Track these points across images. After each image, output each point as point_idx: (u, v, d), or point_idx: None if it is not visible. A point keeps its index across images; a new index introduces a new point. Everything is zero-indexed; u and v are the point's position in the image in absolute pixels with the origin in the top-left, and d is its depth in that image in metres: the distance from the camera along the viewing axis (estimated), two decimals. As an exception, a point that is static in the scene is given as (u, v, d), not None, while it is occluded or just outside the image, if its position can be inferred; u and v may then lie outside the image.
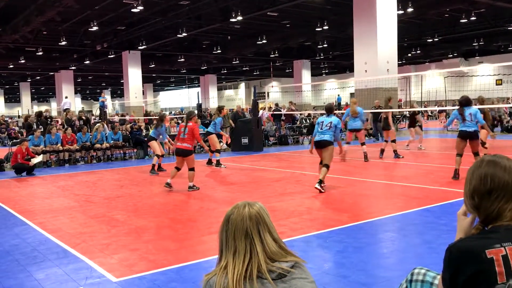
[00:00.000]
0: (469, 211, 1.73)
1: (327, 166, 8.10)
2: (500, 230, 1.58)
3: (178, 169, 8.79)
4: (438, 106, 30.86)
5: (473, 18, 23.61)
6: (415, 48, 34.67)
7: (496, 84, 37.05)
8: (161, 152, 11.93)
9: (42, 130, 14.67)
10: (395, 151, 12.41)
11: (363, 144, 12.43)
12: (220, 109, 13.22)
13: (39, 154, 12.91)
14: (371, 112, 16.69)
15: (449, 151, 13.57)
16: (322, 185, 7.95)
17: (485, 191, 1.64)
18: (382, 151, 12.57)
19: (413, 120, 14.42)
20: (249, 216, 1.69)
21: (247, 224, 1.67)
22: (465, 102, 8.79)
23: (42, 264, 4.69)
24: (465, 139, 8.71)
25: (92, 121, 19.82)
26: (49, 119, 16.42)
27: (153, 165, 11.52)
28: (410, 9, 20.68)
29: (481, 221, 1.67)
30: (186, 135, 8.52)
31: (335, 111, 10.80)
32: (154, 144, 11.91)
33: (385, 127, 12.63)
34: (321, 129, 8.19)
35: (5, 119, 30.50)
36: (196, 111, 10.36)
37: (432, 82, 41.26)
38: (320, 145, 8.13)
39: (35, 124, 16.46)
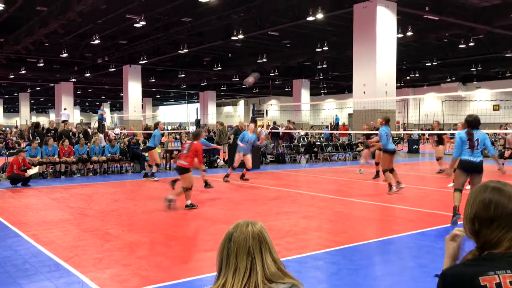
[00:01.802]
0: (467, 235, 1.69)
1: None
2: (495, 258, 1.57)
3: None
4: (429, 129, 30.97)
5: (471, 44, 23.90)
6: (414, 71, 34.99)
7: (494, 110, 37.32)
8: (160, 162, 12.38)
9: (38, 141, 14.64)
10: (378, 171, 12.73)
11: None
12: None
13: (35, 165, 12.87)
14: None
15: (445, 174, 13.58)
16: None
17: (487, 219, 1.59)
18: (378, 172, 12.71)
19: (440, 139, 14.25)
20: (252, 235, 1.69)
21: (250, 243, 1.67)
22: (475, 122, 6.91)
23: (33, 277, 4.64)
24: (468, 171, 6.91)
25: (90, 133, 19.78)
26: (45, 131, 16.36)
27: (152, 172, 12.31)
28: (409, 33, 20.93)
29: (477, 247, 1.64)
30: (189, 152, 8.51)
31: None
32: (154, 153, 12.43)
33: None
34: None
35: (3, 129, 30.43)
36: (203, 131, 10.74)
37: (430, 105, 41.52)
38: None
39: (31, 135, 16.43)
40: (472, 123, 6.89)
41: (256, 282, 1.62)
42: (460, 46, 24.24)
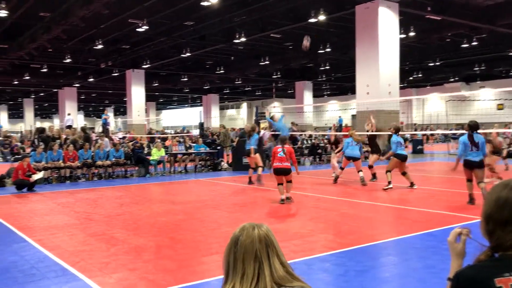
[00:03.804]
0: (482, 233, 1.64)
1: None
2: (510, 258, 1.53)
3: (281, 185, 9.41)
4: (429, 129, 30.90)
5: (474, 43, 23.81)
6: (417, 71, 34.91)
7: (498, 109, 37.15)
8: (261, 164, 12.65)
9: (43, 146, 14.67)
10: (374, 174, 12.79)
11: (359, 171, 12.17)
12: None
13: (40, 171, 12.90)
14: (388, 134, 16.87)
15: (450, 174, 13.53)
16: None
17: (501, 220, 1.54)
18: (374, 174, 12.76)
19: None
20: (258, 239, 1.65)
21: (256, 247, 1.63)
22: (474, 126, 8.41)
23: (40, 283, 4.64)
24: (470, 168, 8.39)
25: (94, 138, 19.80)
26: (51, 137, 16.37)
27: (259, 175, 12.16)
28: (412, 33, 20.89)
29: (491, 248, 1.59)
30: (286, 155, 9.26)
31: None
32: (257, 157, 12.51)
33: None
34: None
35: (7, 134, 30.54)
36: (287, 136, 11.52)
37: (434, 106, 41.41)
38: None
39: (36, 140, 16.47)
40: (473, 127, 8.36)
41: (265, 286, 1.60)
42: (463, 45, 24.17)
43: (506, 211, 1.53)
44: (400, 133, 11.84)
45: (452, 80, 39.08)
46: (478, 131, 8.58)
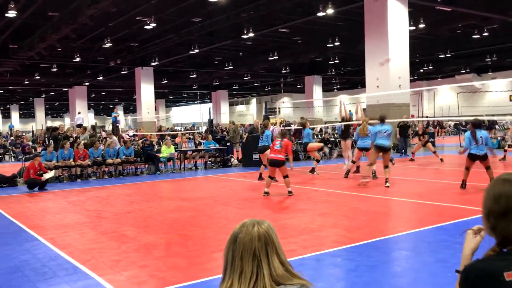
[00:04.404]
0: (487, 232, 1.66)
1: (387, 166, 10.30)
2: None
3: (272, 178, 9.78)
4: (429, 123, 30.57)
5: (485, 34, 23.51)
6: (427, 63, 34.57)
7: (510, 100, 36.68)
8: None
9: (53, 145, 14.78)
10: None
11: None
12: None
13: (51, 169, 13.00)
14: (399, 127, 16.76)
15: (461, 167, 13.38)
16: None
17: (500, 212, 1.57)
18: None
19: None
20: (258, 236, 1.62)
21: (255, 245, 1.61)
22: (477, 124, 9.47)
23: (51, 281, 4.67)
24: (474, 160, 9.36)
25: (103, 136, 19.92)
26: (61, 136, 16.48)
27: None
28: (421, 25, 20.66)
29: (497, 244, 1.60)
30: (282, 148, 9.63)
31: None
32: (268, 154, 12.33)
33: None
34: (381, 135, 10.29)
35: (19, 134, 30.87)
36: (287, 131, 11.57)
37: (445, 98, 41.00)
38: (384, 149, 10.30)
39: (47, 139, 16.60)
40: (476, 124, 9.47)
41: (264, 285, 1.57)
42: (474, 36, 23.88)
43: (502, 202, 1.57)
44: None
45: (463, 72, 38.65)
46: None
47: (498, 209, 1.57)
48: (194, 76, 36.14)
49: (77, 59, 25.79)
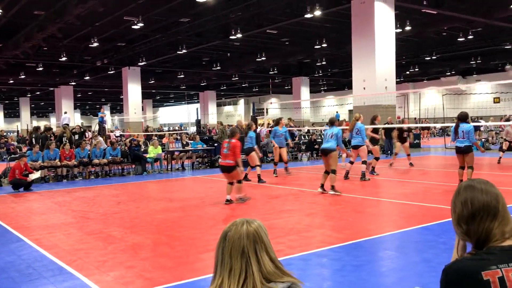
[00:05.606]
0: (462, 238, 1.75)
1: (334, 172, 9.47)
2: (496, 252, 1.57)
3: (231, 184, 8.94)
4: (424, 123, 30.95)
5: (470, 37, 23.84)
6: (413, 65, 34.93)
7: (494, 102, 37.23)
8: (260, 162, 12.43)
9: (40, 145, 14.62)
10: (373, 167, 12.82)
11: (364, 162, 12.17)
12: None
13: (37, 170, 12.87)
14: (383, 128, 16.88)
15: (446, 168, 13.58)
16: (335, 189, 9.46)
17: (468, 215, 1.65)
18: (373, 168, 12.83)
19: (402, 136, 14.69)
20: (246, 234, 1.65)
21: (244, 243, 1.64)
22: (461, 117, 9.39)
23: (37, 282, 4.63)
24: (458, 153, 9.42)
25: (90, 136, 19.72)
26: (50, 135, 16.30)
27: (258, 175, 12.01)
28: (408, 28, 20.87)
29: (474, 246, 1.67)
30: (229, 151, 8.68)
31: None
32: (254, 155, 12.13)
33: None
34: (326, 139, 9.76)
35: (3, 134, 30.46)
36: (238, 129, 10.53)
37: (430, 100, 41.44)
38: (324, 153, 9.67)
39: (34, 139, 16.42)
40: (459, 118, 9.38)
41: (254, 282, 1.60)
42: (459, 39, 24.19)
43: (469, 205, 1.66)
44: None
45: (448, 74, 39.12)
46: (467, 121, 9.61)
47: (466, 213, 1.66)
48: (182, 76, 36.03)
49: (64, 59, 25.51)
